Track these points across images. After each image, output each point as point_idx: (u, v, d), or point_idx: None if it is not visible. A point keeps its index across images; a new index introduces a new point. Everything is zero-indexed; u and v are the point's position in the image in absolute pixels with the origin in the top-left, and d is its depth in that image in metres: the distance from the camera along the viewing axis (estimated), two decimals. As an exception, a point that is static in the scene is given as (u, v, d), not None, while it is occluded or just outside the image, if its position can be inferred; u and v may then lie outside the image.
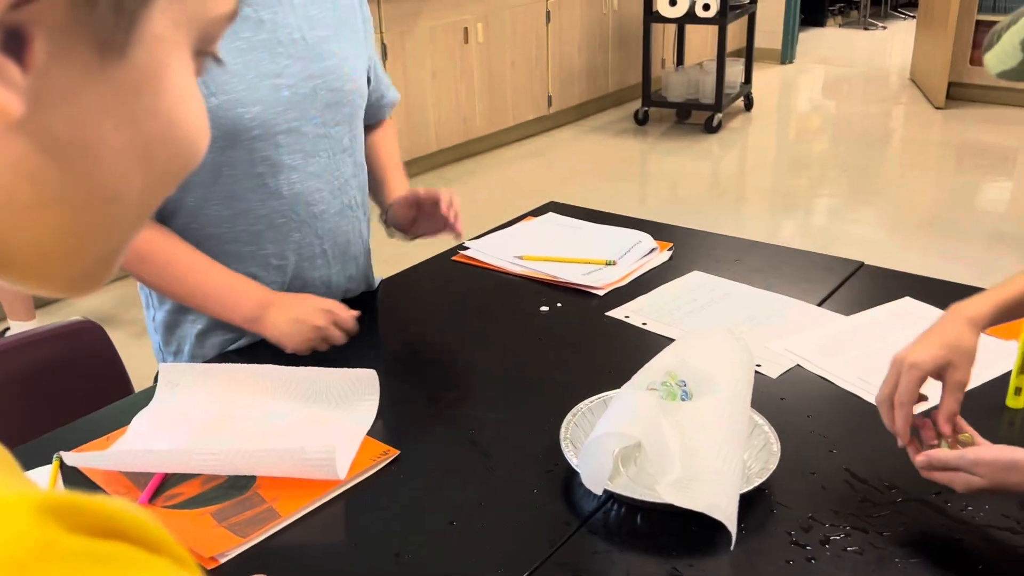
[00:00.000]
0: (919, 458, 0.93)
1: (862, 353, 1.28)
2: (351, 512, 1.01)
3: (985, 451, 0.88)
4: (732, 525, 0.88)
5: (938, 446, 0.93)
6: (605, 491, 0.97)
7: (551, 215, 1.85)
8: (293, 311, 1.26)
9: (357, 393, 1.17)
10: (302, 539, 0.96)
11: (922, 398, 0.95)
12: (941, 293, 1.46)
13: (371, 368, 1.19)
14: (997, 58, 1.03)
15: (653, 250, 1.65)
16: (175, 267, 1.29)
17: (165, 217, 1.31)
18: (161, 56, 0.34)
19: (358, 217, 1.47)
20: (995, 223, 3.92)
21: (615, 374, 1.13)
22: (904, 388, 0.94)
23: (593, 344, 1.36)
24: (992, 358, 1.24)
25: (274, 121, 1.28)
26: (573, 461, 1.00)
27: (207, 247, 1.31)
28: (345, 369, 1.19)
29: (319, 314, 1.26)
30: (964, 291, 1.49)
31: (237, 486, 1.03)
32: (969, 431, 0.94)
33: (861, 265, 1.59)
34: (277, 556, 0.94)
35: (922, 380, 0.94)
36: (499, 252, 1.66)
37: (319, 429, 1.10)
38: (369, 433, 1.12)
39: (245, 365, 1.22)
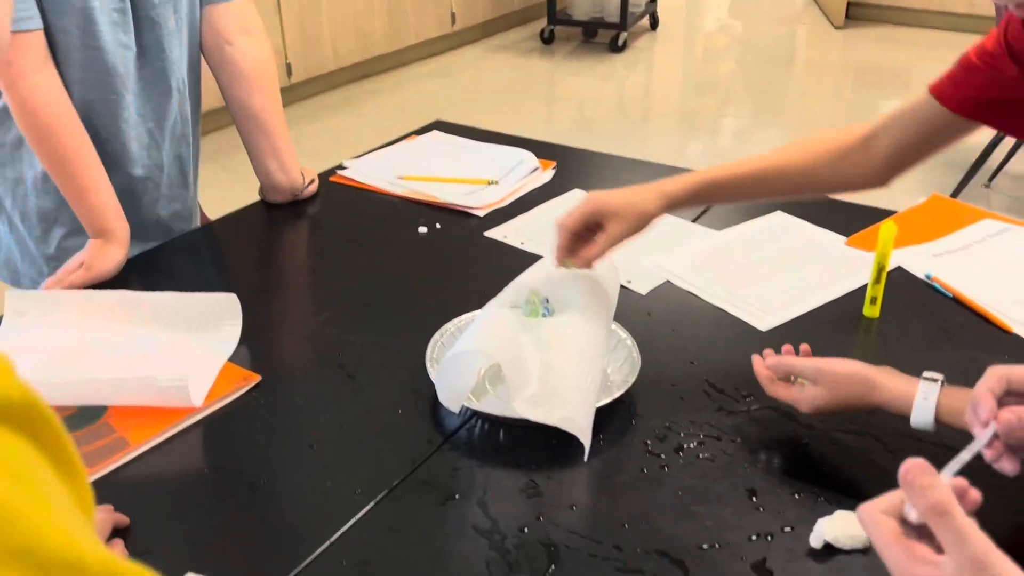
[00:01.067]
0: (769, 360, 0.95)
1: (732, 268, 1.30)
2: (208, 440, 0.99)
3: (830, 362, 0.90)
4: (585, 438, 0.89)
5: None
6: (468, 409, 0.97)
7: (435, 133, 1.81)
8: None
9: (218, 318, 1.14)
10: (154, 469, 0.94)
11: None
12: (814, 208, 1.49)
13: (234, 293, 1.16)
14: None
15: (536, 169, 1.64)
16: (73, 164, 1.26)
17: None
18: None
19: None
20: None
21: (489, 294, 1.12)
22: (573, 211, 1.02)
23: (469, 265, 1.35)
24: (849, 270, 1.28)
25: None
26: (435, 375, 1.00)
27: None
28: (205, 294, 1.15)
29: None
30: (837, 206, 1.53)
31: (87, 416, 0.99)
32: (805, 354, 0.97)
33: (739, 181, 1.60)
34: (127, 487, 0.91)
35: (590, 211, 1.01)
36: (378, 173, 1.62)
37: (177, 356, 1.07)
38: (231, 359, 1.09)
39: (100, 292, 1.17)
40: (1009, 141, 3.23)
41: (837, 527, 0.82)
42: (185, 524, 0.87)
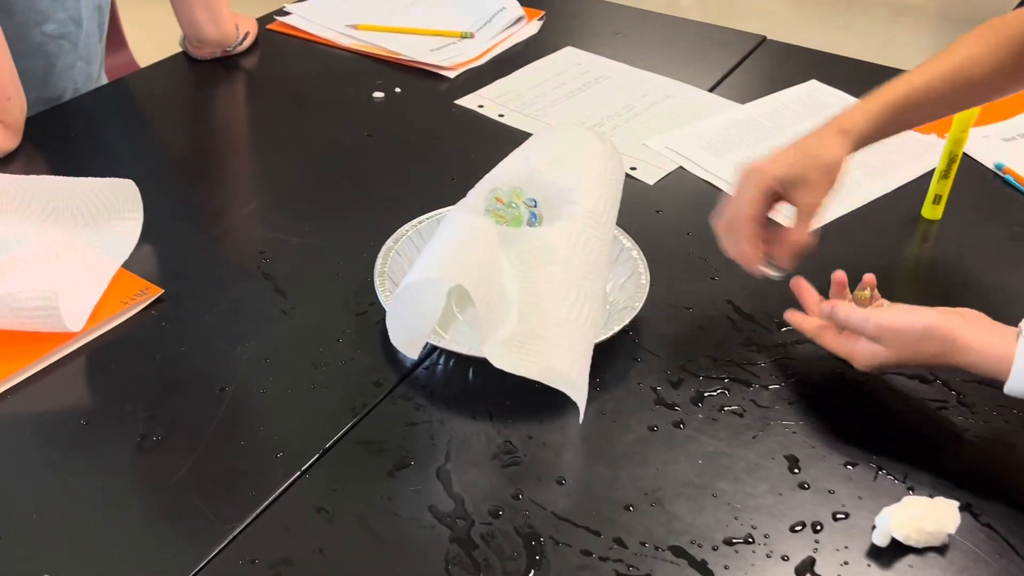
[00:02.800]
0: (823, 304, 0.73)
1: (758, 150, 1.06)
2: (90, 374, 0.76)
3: (893, 315, 0.68)
4: (578, 394, 0.67)
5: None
6: (430, 343, 0.75)
7: (399, -27, 1.50)
8: None
9: (112, 210, 0.89)
10: (19, 410, 0.72)
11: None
12: (854, 74, 1.23)
13: (137, 172, 0.91)
14: None
15: (520, 19, 1.35)
16: None
17: None
18: None
19: None
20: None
21: (458, 183, 0.88)
22: (745, 196, 0.74)
23: (435, 142, 1.10)
24: (904, 157, 1.04)
25: None
26: (387, 304, 0.77)
27: None
28: (95, 179, 0.90)
29: None
30: (878, 72, 1.28)
31: (-72, 346, 0.76)
32: (869, 286, 0.74)
33: (763, 40, 1.33)
34: (-25, 444, 0.69)
35: (768, 188, 0.74)
36: (327, 20, 1.33)
37: (54, 261, 0.83)
38: (125, 265, 0.85)
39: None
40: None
41: (908, 520, 0.62)
42: (50, 493, 0.66)
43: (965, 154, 1.03)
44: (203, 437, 0.70)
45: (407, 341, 0.72)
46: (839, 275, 0.77)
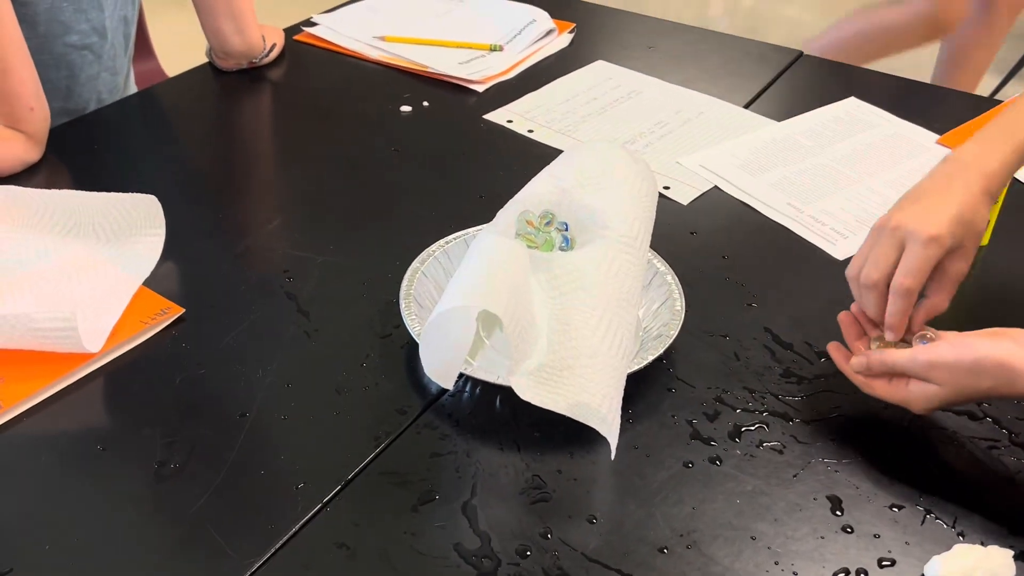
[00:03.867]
0: (854, 360, 0.70)
1: (796, 170, 1.03)
2: (108, 397, 0.74)
3: (943, 350, 0.64)
4: (609, 430, 0.64)
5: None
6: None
7: (427, -16, 1.48)
8: None
9: (133, 226, 0.87)
10: (35, 433, 0.70)
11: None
12: (895, 92, 1.20)
13: (161, 186, 0.89)
14: None
15: (550, 32, 1.33)
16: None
17: None
18: None
19: None
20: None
21: (486, 200, 0.85)
22: (917, 268, 0.67)
23: (463, 158, 1.07)
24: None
25: None
26: (413, 328, 0.74)
27: None
28: (118, 194, 0.88)
29: None
30: (918, 89, 1.24)
31: (-56, 365, 0.74)
32: (931, 331, 0.70)
33: (800, 55, 1.30)
34: (-11, 469, 0.67)
35: (938, 260, 0.68)
36: (354, 31, 1.31)
37: (74, 278, 0.81)
38: (146, 283, 0.83)
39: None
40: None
41: (959, 570, 0.59)
42: (64, 522, 0.64)
43: (1015, 179, 0.99)
44: (222, 466, 0.67)
45: (441, 371, 0.69)
46: (844, 317, 0.73)
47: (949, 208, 0.68)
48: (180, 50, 1.60)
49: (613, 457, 0.65)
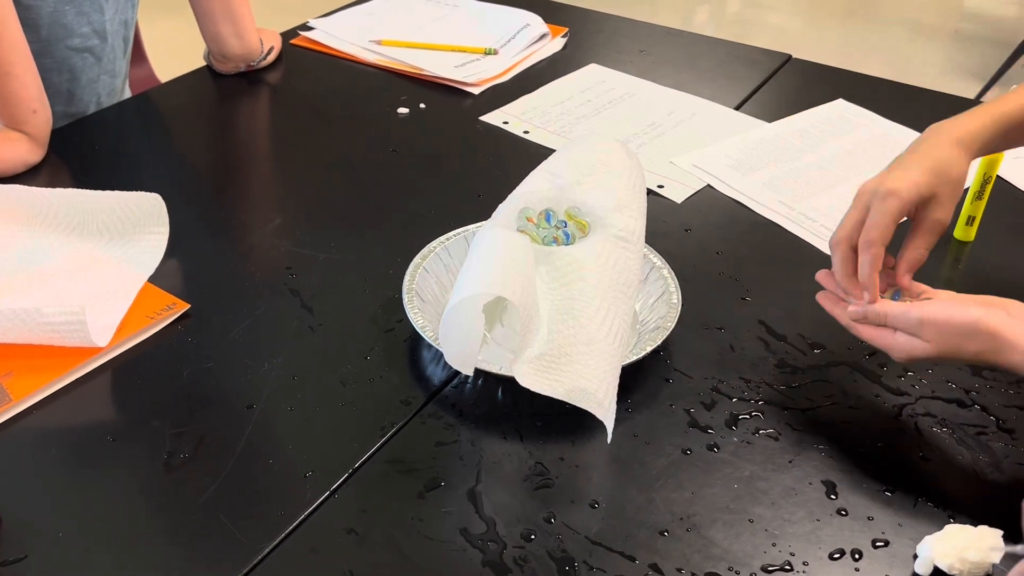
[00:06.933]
0: (852, 308, 0.71)
1: (787, 169, 1.05)
2: (117, 390, 0.75)
3: (936, 308, 0.66)
4: (606, 414, 0.66)
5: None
6: (457, 360, 0.73)
7: (422, -11, 1.50)
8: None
9: (138, 223, 0.88)
10: (45, 426, 0.71)
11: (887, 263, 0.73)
12: (880, 93, 1.23)
13: (163, 186, 0.90)
14: None
15: (544, 36, 1.35)
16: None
17: None
18: None
19: None
20: (914, 13, 3.67)
21: (484, 199, 0.87)
22: (876, 222, 0.69)
23: (460, 159, 1.09)
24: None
25: None
26: (416, 321, 0.76)
27: None
28: (122, 192, 0.89)
29: None
30: (904, 92, 1.27)
31: (-46, 359, 0.75)
32: (922, 288, 0.73)
33: (788, 59, 1.33)
34: (3, 456, 0.68)
35: (901, 214, 0.70)
36: (351, 35, 1.33)
37: (81, 274, 0.82)
38: (151, 279, 0.85)
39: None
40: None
41: (951, 549, 0.61)
42: (76, 511, 0.65)
43: (999, 176, 1.02)
44: (231, 456, 0.69)
45: (459, 358, 0.70)
46: (821, 294, 0.74)
47: (918, 164, 0.71)
48: (173, 55, 1.62)
49: (609, 441, 0.67)
